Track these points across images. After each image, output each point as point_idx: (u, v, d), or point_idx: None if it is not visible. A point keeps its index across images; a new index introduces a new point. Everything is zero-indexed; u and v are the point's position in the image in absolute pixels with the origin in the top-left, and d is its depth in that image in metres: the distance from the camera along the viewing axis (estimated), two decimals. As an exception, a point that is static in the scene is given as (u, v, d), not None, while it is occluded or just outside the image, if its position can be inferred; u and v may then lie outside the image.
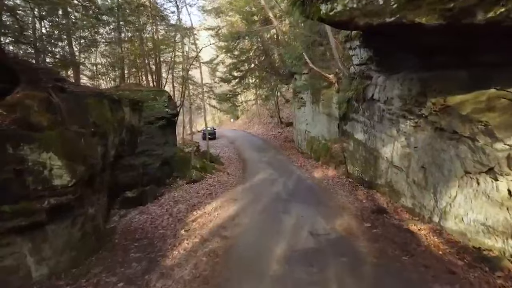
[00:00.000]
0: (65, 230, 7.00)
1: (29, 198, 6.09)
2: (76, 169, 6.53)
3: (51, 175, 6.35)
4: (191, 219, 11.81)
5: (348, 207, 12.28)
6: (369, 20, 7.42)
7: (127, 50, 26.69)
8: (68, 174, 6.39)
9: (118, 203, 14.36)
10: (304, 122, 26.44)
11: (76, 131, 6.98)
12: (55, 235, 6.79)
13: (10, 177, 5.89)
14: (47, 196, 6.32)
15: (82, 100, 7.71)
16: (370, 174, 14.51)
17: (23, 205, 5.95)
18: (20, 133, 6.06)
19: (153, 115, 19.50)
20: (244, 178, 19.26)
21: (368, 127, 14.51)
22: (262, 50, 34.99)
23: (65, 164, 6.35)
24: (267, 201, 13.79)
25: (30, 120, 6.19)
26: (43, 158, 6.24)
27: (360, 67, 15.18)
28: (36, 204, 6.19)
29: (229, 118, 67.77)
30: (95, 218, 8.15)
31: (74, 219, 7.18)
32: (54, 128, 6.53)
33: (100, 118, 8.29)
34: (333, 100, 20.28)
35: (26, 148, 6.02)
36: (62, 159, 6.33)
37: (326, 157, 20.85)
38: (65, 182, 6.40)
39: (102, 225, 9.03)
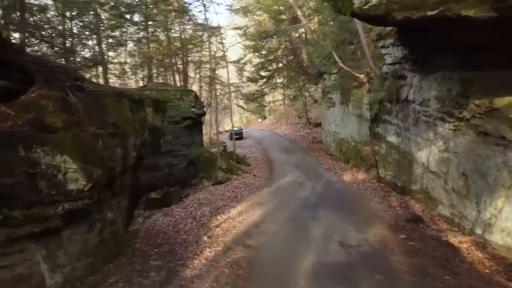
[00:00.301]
0: (81, 236, 6.70)
1: (42, 203, 5.80)
2: (92, 173, 6.26)
3: (65, 179, 6.06)
4: (214, 224, 11.44)
5: (381, 214, 11.57)
6: (408, 14, 6.78)
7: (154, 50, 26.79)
8: (84, 178, 6.12)
9: (142, 204, 14.26)
10: (333, 123, 25.71)
11: (94, 133, 6.71)
12: (71, 241, 6.50)
13: (22, 181, 5.60)
14: (62, 201, 6.03)
15: (101, 100, 7.45)
16: (403, 179, 13.75)
17: (35, 211, 5.65)
18: (33, 134, 5.78)
19: (179, 115, 19.38)
20: (270, 180, 18.81)
21: (401, 130, 13.76)
22: (290, 50, 34.38)
23: (80, 167, 6.07)
24: (294, 206, 13.23)
25: (44, 121, 5.92)
26: (57, 161, 5.97)
27: (393, 66, 14.41)
28: (50, 209, 5.89)
29: (256, 118, 67.39)
30: (114, 223, 7.91)
31: (91, 224, 6.92)
32: (70, 129, 6.27)
33: (120, 118, 8.03)
34: (363, 100, 19.51)
35: (39, 150, 5.73)
36: (78, 162, 6.05)
37: (356, 160, 20.10)
38: (80, 186, 6.13)
39: (122, 229, 8.77)
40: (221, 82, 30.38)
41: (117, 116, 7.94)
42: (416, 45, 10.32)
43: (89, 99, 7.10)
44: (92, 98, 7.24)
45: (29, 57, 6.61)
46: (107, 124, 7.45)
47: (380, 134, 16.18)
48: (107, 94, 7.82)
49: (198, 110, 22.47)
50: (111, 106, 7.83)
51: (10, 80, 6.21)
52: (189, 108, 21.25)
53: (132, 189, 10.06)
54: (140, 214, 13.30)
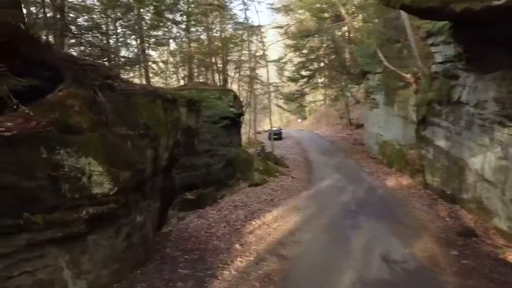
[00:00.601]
0: (107, 241, 6.47)
1: (65, 207, 5.57)
2: (119, 176, 5.97)
3: (90, 182, 5.80)
4: (248, 230, 11.03)
5: (428, 225, 10.66)
6: (470, 5, 6.03)
7: (195, 49, 26.94)
8: (110, 182, 5.84)
9: (178, 205, 14.21)
10: (376, 124, 24.65)
11: (122, 134, 6.47)
12: (96, 246, 6.27)
13: (44, 184, 5.37)
14: (86, 205, 5.78)
15: (133, 100, 7.25)
16: (453, 187, 12.77)
17: (57, 215, 5.45)
18: (56, 135, 5.57)
19: (218, 115, 19.29)
20: (309, 183, 18.25)
21: (452, 134, 12.79)
22: (332, 48, 33.53)
23: (106, 170, 5.82)
24: (333, 212, 12.58)
25: (68, 121, 5.70)
26: (81, 164, 5.72)
27: (444, 65, 13.45)
28: (73, 214, 5.66)
29: (296, 119, 66.73)
30: (143, 227, 7.67)
31: (118, 228, 6.68)
32: (96, 130, 6.05)
33: (152, 119, 7.81)
34: (410, 102, 18.46)
35: (63, 152, 5.50)
36: (104, 165, 5.81)
37: (400, 164, 19.10)
38: (106, 190, 5.87)
39: (152, 233, 8.53)
40: (261, 82, 30.12)
41: (149, 116, 7.71)
42: (472, 42, 9.40)
43: (120, 99, 6.91)
44: (123, 98, 7.03)
45: (59, 55, 6.49)
46: (138, 125, 7.22)
47: (428, 138, 15.20)
48: (139, 94, 7.54)
49: (236, 110, 22.33)
50: (143, 106, 7.60)
51: (40, 78, 6.10)
52: (227, 107, 21.14)
53: (165, 191, 9.86)
54: (174, 215, 13.24)
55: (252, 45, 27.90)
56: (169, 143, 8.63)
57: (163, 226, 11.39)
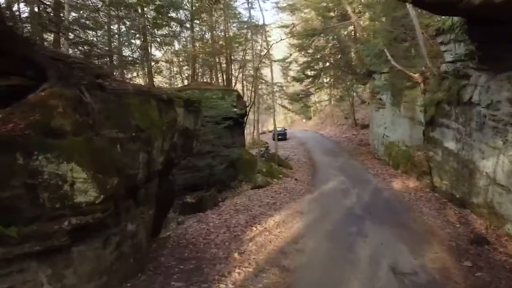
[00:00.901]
0: (94, 252, 5.94)
1: (44, 218, 5.02)
2: (106, 183, 5.46)
3: (72, 190, 5.25)
4: (248, 236, 10.49)
5: (438, 232, 10.13)
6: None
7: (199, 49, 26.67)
8: (96, 189, 5.32)
9: (178, 207, 13.88)
10: (382, 125, 24.18)
11: (111, 137, 5.99)
12: (82, 258, 5.74)
13: (20, 193, 4.82)
14: (68, 215, 5.22)
15: (124, 100, 6.78)
16: (462, 191, 12.32)
17: (36, 227, 4.92)
18: (35, 139, 5.01)
19: (220, 115, 18.98)
20: (313, 185, 17.83)
21: (462, 135, 12.34)
22: (338, 48, 33.04)
23: (91, 176, 5.31)
24: (337, 217, 12.05)
25: (50, 123, 5.15)
26: (62, 170, 5.15)
27: (454, 64, 13.00)
28: (54, 225, 5.10)
29: (301, 119, 66.35)
30: (135, 236, 7.16)
31: (107, 238, 6.17)
32: (81, 133, 5.52)
33: (145, 120, 7.34)
34: (417, 102, 18.01)
35: (41, 157, 4.95)
36: (88, 171, 5.29)
37: (407, 166, 18.64)
38: (91, 198, 5.35)
39: (146, 242, 8.03)
40: (265, 82, 29.78)
41: (142, 117, 7.26)
42: (486, 40, 8.95)
43: (111, 99, 6.45)
44: (114, 98, 6.56)
45: (43, 51, 6.03)
46: (130, 127, 6.74)
47: (436, 139, 14.75)
48: (131, 94, 6.93)
49: (240, 110, 22.05)
50: (136, 106, 7.13)
51: (22, 77, 5.63)
52: (230, 108, 20.88)
53: (163, 196, 9.41)
54: (174, 219, 12.89)
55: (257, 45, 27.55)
56: (164, 146, 8.13)
57: (161, 231, 10.99)
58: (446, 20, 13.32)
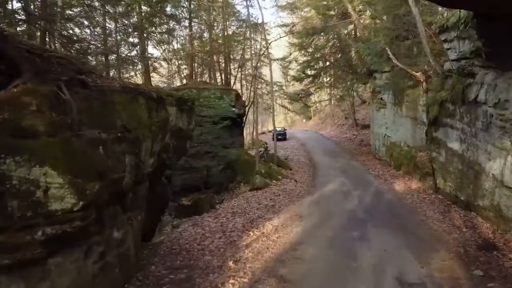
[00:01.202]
0: (74, 264, 5.37)
1: (14, 228, 4.46)
2: (85, 188, 4.94)
3: (46, 197, 4.67)
4: (245, 242, 9.99)
5: (445, 237, 9.66)
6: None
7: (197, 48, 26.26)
8: (73, 195, 4.81)
9: (175, 210, 13.47)
10: (384, 125, 23.78)
11: (93, 138, 5.49)
12: (60, 270, 5.15)
13: None
14: (41, 224, 4.65)
15: (110, 98, 6.29)
16: (467, 193, 11.91)
17: (3, 238, 4.38)
18: (2, 141, 4.45)
19: (218, 115, 18.61)
20: (313, 187, 17.41)
21: (467, 135, 11.93)
22: (338, 47, 32.61)
23: (68, 181, 4.79)
24: (339, 221, 11.55)
25: (21, 123, 4.62)
26: (34, 175, 4.58)
27: (458, 62, 12.61)
28: (25, 236, 4.54)
29: (301, 119, 66.00)
30: (122, 244, 6.67)
31: (88, 248, 5.63)
32: (57, 134, 4.97)
33: (133, 120, 6.83)
34: (419, 101, 17.63)
35: (9, 161, 4.40)
36: (65, 175, 4.77)
37: (409, 167, 18.24)
38: (67, 205, 4.79)
39: (135, 249, 7.52)
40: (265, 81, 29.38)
41: (129, 117, 6.74)
42: (496, 36, 8.54)
43: (94, 97, 5.92)
44: (98, 96, 6.01)
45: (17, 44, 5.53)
46: (114, 127, 6.24)
47: (439, 140, 14.34)
48: (117, 91, 6.47)
49: (238, 110, 21.67)
50: (122, 105, 6.59)
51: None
52: (229, 107, 20.51)
53: (155, 199, 8.96)
54: (169, 223, 12.47)
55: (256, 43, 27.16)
56: (154, 148, 7.64)
57: (154, 236, 10.56)
58: (450, 17, 12.96)
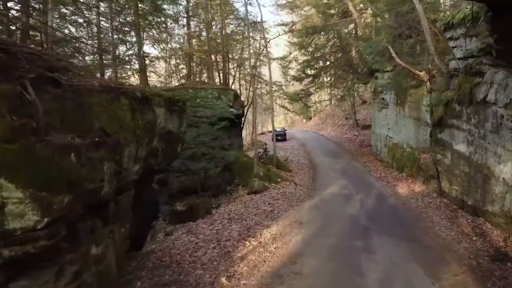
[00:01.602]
0: (44, 287, 4.65)
1: None
2: (52, 202, 4.32)
3: (3, 215, 4.03)
4: (240, 253, 9.33)
5: (454, 247, 9.08)
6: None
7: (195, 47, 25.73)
8: (36, 211, 4.18)
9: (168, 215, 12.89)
10: (385, 126, 23.21)
11: (63, 144, 4.78)
12: None
13: None
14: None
15: (87, 99, 5.59)
16: (475, 197, 11.38)
17: None
18: None
19: (216, 116, 18.04)
20: (313, 190, 16.84)
21: (475, 137, 11.40)
22: (338, 46, 32.04)
23: (30, 195, 4.14)
24: (340, 229, 10.93)
25: None
26: None
27: (465, 61, 12.08)
28: None
29: (301, 119, 65.49)
30: (102, 260, 6.03)
31: (60, 269, 4.89)
32: (17, 140, 4.23)
33: (113, 123, 6.22)
34: (423, 101, 17.07)
35: None
36: (26, 189, 4.12)
37: (412, 169, 17.69)
38: (29, 223, 4.18)
39: (117, 266, 6.81)
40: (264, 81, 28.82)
41: (109, 119, 6.07)
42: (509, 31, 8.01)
43: (67, 97, 5.22)
44: (72, 96, 5.32)
45: None
46: (91, 131, 5.58)
47: (445, 141, 13.81)
48: (96, 91, 5.83)
49: (237, 110, 21.11)
50: (101, 106, 5.93)
51: None
52: (227, 108, 19.94)
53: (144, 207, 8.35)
54: (162, 229, 11.86)
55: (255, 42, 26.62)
56: (140, 153, 6.98)
57: (145, 245, 9.95)
58: (457, 13, 12.44)
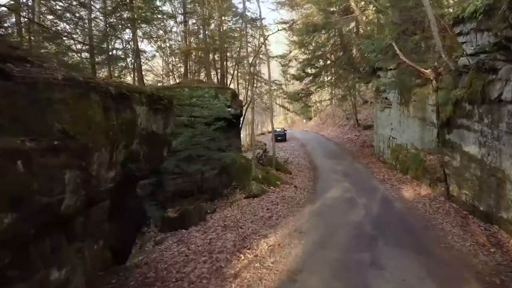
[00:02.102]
0: None
1: None
2: None
3: None
4: (233, 269, 8.26)
5: (471, 261, 8.13)
6: None
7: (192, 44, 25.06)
8: None
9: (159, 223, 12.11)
10: (388, 126, 22.44)
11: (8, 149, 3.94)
12: None
13: None
14: None
15: (45, 94, 4.70)
16: (487, 203, 10.60)
17: None
18: None
19: (212, 115, 17.30)
20: (314, 193, 16.02)
21: (487, 138, 10.62)
22: (339, 45, 31.31)
23: None
24: (345, 238, 9.96)
25: None
26: None
27: (476, 57, 11.31)
28: None
29: (301, 119, 64.85)
30: (66, 285, 5.06)
31: None
32: None
33: (79, 122, 5.28)
34: (428, 101, 16.34)
35: None
36: None
37: (417, 171, 16.93)
38: None
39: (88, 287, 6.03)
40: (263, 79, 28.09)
41: (74, 119, 5.15)
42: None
43: (21, 92, 4.40)
44: (27, 91, 4.49)
45: None
46: (49, 133, 4.72)
47: (453, 142, 13.03)
48: (58, 85, 4.92)
49: (235, 110, 20.40)
50: (64, 103, 5.02)
51: None
52: (224, 107, 19.25)
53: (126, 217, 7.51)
54: (152, 238, 11.05)
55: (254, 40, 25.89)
56: (115, 157, 6.04)
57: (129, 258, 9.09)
58: (467, 6, 11.67)
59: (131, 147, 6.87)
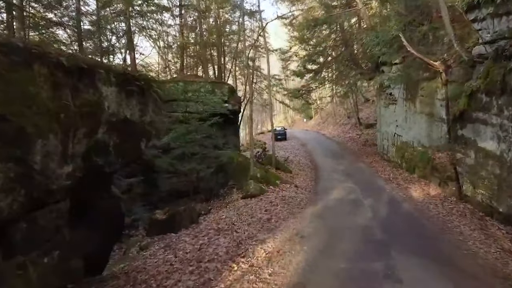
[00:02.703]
0: None
1: None
2: None
3: None
4: (223, 283, 7.00)
5: (501, 271, 6.97)
6: None
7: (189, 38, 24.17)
8: None
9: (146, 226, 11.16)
10: (393, 123, 21.49)
11: None
12: None
13: None
14: None
15: None
16: (508, 204, 9.63)
17: None
18: None
19: (207, 111, 16.38)
20: (315, 193, 15.07)
21: (508, 133, 9.68)
22: (341, 40, 30.39)
23: None
24: (351, 245, 8.71)
25: None
26: None
27: (495, 44, 10.37)
28: None
29: (301, 118, 64.09)
30: None
31: None
32: None
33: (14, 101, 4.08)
34: (437, 95, 15.40)
35: None
36: None
37: (425, 170, 15.97)
38: None
39: None
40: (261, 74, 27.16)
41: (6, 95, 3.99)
42: None
43: None
44: None
45: None
46: None
47: (467, 138, 12.08)
48: None
49: (232, 106, 19.46)
50: None
51: None
52: (221, 103, 18.33)
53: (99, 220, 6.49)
54: (137, 243, 10.04)
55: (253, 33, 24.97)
56: (71, 148, 5.03)
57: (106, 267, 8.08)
58: (484, -11, 10.77)
59: (96, 136, 5.69)
